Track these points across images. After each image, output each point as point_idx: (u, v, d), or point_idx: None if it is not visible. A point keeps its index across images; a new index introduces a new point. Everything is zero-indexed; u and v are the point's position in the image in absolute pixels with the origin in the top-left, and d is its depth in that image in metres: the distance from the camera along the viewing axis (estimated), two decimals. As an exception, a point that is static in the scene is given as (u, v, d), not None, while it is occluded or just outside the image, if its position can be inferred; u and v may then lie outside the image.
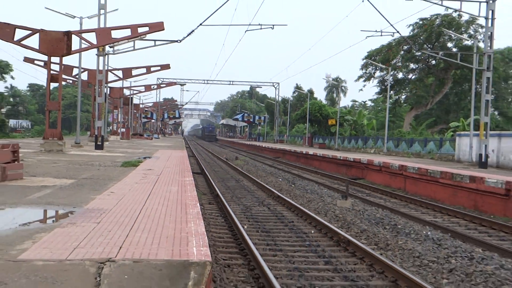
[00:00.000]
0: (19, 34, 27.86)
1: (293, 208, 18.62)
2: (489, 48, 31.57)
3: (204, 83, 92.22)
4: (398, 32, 40.65)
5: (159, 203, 10.84)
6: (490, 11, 30.31)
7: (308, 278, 10.17)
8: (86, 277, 5.35)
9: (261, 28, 42.30)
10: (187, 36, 34.80)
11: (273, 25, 42.47)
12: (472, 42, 58.00)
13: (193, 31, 34.46)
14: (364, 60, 72.44)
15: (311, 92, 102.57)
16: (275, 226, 15.67)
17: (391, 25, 37.18)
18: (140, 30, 30.38)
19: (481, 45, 41.11)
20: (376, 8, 33.02)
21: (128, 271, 5.59)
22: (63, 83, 36.39)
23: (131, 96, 74.66)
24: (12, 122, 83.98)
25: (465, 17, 60.46)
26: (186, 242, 7.11)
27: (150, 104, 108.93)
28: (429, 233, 15.10)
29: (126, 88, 68.19)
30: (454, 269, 10.92)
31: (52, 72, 29.36)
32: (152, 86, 78.76)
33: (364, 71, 73.94)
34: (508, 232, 16.39)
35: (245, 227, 14.61)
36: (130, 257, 6.12)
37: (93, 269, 5.60)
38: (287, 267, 10.98)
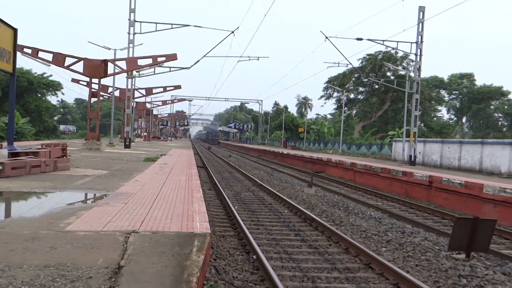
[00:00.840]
0: (68, 61, 27.81)
1: (272, 194, 18.61)
2: (417, 76, 31.76)
3: (206, 99, 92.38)
4: (351, 63, 41.17)
5: (172, 188, 10.80)
6: (419, 50, 30.50)
7: (283, 246, 10.15)
8: (116, 244, 5.32)
9: (249, 59, 42.40)
10: (194, 64, 34.83)
11: (258, 57, 42.57)
12: (405, 72, 58.55)
13: (198, 61, 34.49)
14: (325, 84, 74.10)
15: (286, 107, 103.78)
16: (258, 207, 15.64)
17: (346, 58, 37.66)
18: (159, 59, 30.42)
19: (412, 74, 41.26)
20: (335, 46, 33.20)
21: (148, 240, 5.57)
22: (101, 98, 36.28)
23: (152, 108, 74.93)
24: (62, 127, 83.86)
25: (400, 54, 61.23)
26: (192, 218, 7.08)
27: (166, 115, 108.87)
28: (372, 213, 15.16)
29: (148, 102, 68.25)
30: (390, 240, 10.95)
31: (92, 90, 29.32)
32: (167, 101, 79.31)
33: (325, 92, 75.30)
34: (430, 213, 16.51)
35: (236, 207, 14.57)
36: (149, 229, 6.10)
37: (121, 238, 5.57)
38: (267, 237, 10.95)
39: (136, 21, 31.33)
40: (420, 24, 30.18)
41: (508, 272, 8.48)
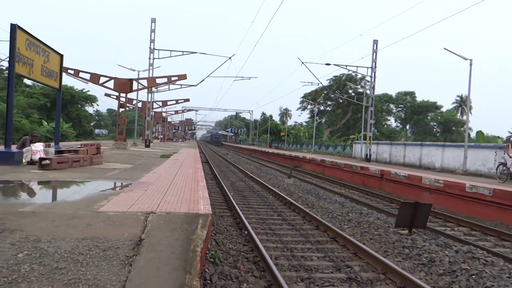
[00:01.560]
0: (102, 79, 27.61)
1: (259, 183, 18.59)
2: (372, 93, 31.85)
3: (209, 109, 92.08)
4: (321, 83, 41.22)
5: (182, 179, 10.75)
6: (373, 73, 30.63)
7: (267, 224, 10.14)
8: (138, 221, 5.28)
9: (243, 79, 42.34)
10: (200, 82, 34.68)
11: (249, 77, 42.47)
12: (363, 90, 58.69)
13: (203, 80, 34.36)
14: (301, 99, 74.28)
15: (271, 116, 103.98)
16: (249, 193, 15.62)
17: (317, 79, 37.61)
18: (172, 78, 30.32)
19: (368, 91, 41.48)
20: (309, 69, 33.26)
21: (162, 218, 5.53)
22: (127, 108, 36.08)
23: (166, 116, 74.61)
24: (96, 131, 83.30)
25: (359, 76, 61.34)
26: (197, 202, 7.04)
27: (177, 121, 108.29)
28: (337, 198, 15.18)
29: (164, 112, 67.95)
30: (351, 220, 10.98)
31: (120, 102, 29.10)
32: (178, 111, 79.23)
33: (301, 104, 75.68)
34: (382, 199, 16.55)
35: (231, 193, 14.54)
36: (164, 211, 6.06)
37: (142, 217, 5.53)
38: (255, 217, 10.94)
39: (155, 49, 31.15)
40: (374, 53, 30.31)
41: (440, 244, 8.53)
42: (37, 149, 12.64)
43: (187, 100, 52.29)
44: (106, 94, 42.72)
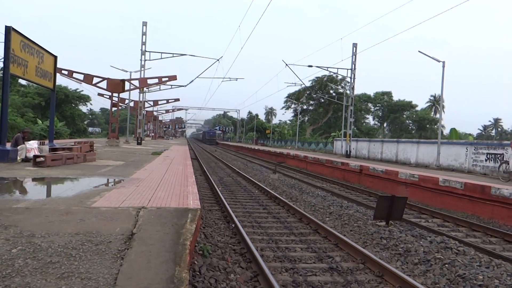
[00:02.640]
0: (95, 80, 27.22)
1: (246, 178, 18.57)
2: (352, 94, 32.05)
3: (198, 109, 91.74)
4: (304, 84, 41.18)
5: (172, 175, 10.66)
6: (353, 74, 30.83)
7: (253, 217, 10.13)
8: (129, 217, 5.22)
9: (230, 80, 42.19)
10: (189, 83, 34.38)
11: (236, 78, 42.33)
12: (343, 90, 59.05)
13: (192, 80, 34.08)
14: (286, 98, 74.30)
15: (257, 115, 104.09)
16: (236, 188, 15.59)
17: (300, 80, 37.78)
18: (163, 79, 30.07)
19: (348, 92, 41.73)
20: (292, 71, 33.58)
21: (153, 213, 5.48)
22: (120, 107, 35.73)
23: (157, 115, 74.06)
24: (90, 129, 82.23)
25: (340, 77, 61.62)
26: (187, 197, 6.99)
27: (168, 120, 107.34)
28: (319, 192, 15.24)
29: (155, 111, 67.38)
30: (332, 212, 11.03)
31: (113, 101, 28.77)
32: (169, 110, 78.55)
33: (285, 104, 75.70)
34: (361, 192, 16.67)
35: (219, 188, 14.48)
36: (155, 206, 6.00)
37: (134, 212, 5.47)
38: (242, 210, 10.92)
39: (146, 51, 30.79)
40: (354, 56, 30.48)
41: (415, 235, 8.62)
42: (32, 146, 12.42)
43: (177, 99, 52.01)
44: (99, 94, 42.13)
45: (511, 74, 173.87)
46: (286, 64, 31.55)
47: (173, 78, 29.97)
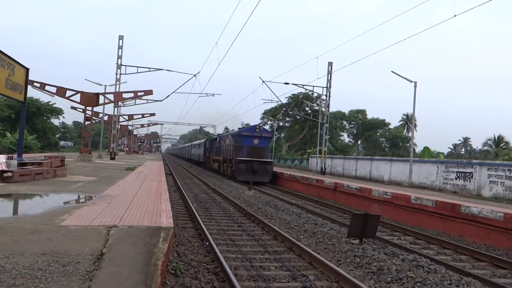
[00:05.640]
0: (68, 93, 26.68)
1: (221, 195, 18.44)
2: (327, 111, 32.56)
3: (174, 123, 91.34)
4: (280, 101, 41.65)
5: (145, 192, 10.48)
6: (328, 93, 31.37)
7: (229, 235, 10.04)
8: (100, 236, 5.08)
9: (206, 95, 42.27)
10: (165, 98, 34.16)
11: (213, 94, 42.75)
12: (319, 107, 59.88)
13: (169, 95, 33.86)
14: (262, 115, 74.69)
15: (233, 129, 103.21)
16: (211, 205, 15.45)
17: (277, 97, 38.00)
18: (139, 93, 29.83)
19: (323, 109, 42.38)
20: (269, 88, 33.70)
21: (125, 232, 5.35)
22: (93, 121, 35.13)
23: (132, 130, 73.18)
24: (62, 143, 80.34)
25: (316, 94, 62.52)
26: (160, 215, 6.88)
27: (143, 134, 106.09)
28: (294, 209, 15.24)
29: (130, 125, 66.54)
30: (307, 230, 11.04)
31: (87, 115, 28.28)
32: (144, 125, 77.81)
33: (262, 120, 75.80)
34: (335, 210, 16.79)
35: (194, 205, 14.31)
36: (126, 224, 5.87)
37: (104, 231, 5.33)
38: (217, 228, 10.80)
39: (122, 65, 30.51)
40: (329, 74, 31.06)
41: (388, 252, 8.72)
42: (-1, 161, 12.00)
43: (153, 114, 51.82)
44: (73, 107, 41.32)
45: (479, 95, 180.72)
46: (263, 81, 31.82)
47: (149, 92, 29.76)
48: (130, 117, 52.70)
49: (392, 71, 23.47)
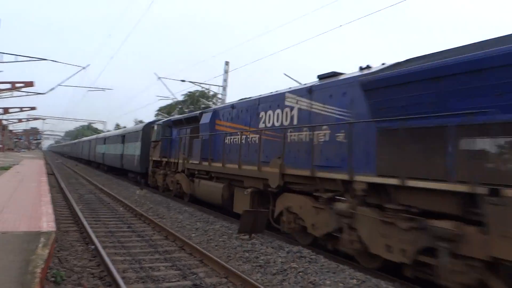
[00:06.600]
0: None
1: (110, 195, 17.65)
2: (222, 109, 33.08)
3: (59, 119, 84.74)
4: (176, 98, 41.43)
5: (23, 194, 9.66)
6: (225, 91, 31.89)
7: (117, 237, 9.71)
8: (-35, 245, 4.60)
9: (97, 90, 40.01)
10: (49, 91, 31.52)
11: (104, 89, 40.48)
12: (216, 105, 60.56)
13: (53, 88, 31.29)
14: (156, 112, 73.22)
15: (125, 127, 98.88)
16: (98, 206, 14.71)
17: (172, 94, 37.66)
18: (17, 85, 27.16)
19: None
20: (165, 84, 33.31)
21: (-3, 240, 4.93)
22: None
23: (7, 125, 65.88)
24: None
25: (212, 92, 63.12)
26: (39, 219, 6.44)
27: (21, 130, 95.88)
28: (186, 208, 15.20)
29: (5, 120, 59.77)
30: (198, 228, 11.17)
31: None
32: (23, 120, 70.57)
33: (156, 117, 74.12)
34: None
35: (80, 207, 13.50)
36: (0, 230, 5.40)
37: (-29, 239, 4.84)
38: (104, 230, 10.36)
39: (-3, 52, 27.33)
40: (225, 73, 31.54)
41: (275, 246, 9.25)
42: None
43: (34, 108, 47.30)
44: None
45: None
46: (159, 77, 31.17)
47: (30, 84, 27.33)
48: (6, 110, 47.49)
49: (284, 74, 24.67)
